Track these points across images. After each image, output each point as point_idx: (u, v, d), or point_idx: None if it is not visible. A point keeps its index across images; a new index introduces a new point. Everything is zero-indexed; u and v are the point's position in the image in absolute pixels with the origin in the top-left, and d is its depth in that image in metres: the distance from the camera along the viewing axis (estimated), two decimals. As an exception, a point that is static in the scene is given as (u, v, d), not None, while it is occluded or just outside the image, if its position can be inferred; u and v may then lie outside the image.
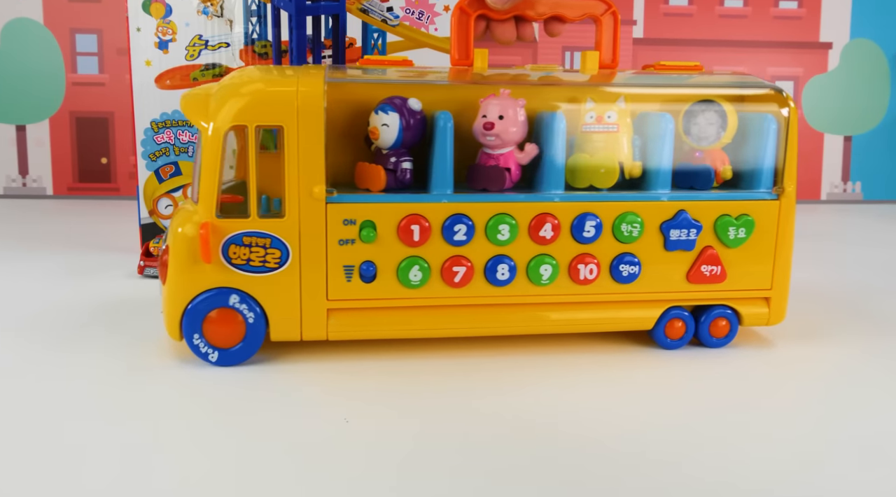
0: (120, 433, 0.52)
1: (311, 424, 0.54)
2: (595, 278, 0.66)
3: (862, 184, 1.59)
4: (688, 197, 0.66)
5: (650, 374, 0.64)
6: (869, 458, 0.50)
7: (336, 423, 0.54)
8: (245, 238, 0.61)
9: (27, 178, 1.47)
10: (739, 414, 0.57)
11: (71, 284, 0.87)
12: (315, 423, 0.54)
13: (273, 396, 0.59)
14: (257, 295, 0.62)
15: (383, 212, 0.63)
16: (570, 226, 0.65)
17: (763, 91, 0.69)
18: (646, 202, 0.66)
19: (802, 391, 0.62)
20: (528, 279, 0.65)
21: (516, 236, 0.64)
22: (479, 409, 0.57)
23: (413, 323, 0.65)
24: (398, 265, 0.64)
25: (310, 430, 0.53)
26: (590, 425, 0.54)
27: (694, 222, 0.66)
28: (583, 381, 0.62)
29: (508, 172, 0.65)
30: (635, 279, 0.67)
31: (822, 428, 0.55)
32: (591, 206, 0.65)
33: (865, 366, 0.66)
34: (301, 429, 0.53)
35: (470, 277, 0.65)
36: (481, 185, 0.65)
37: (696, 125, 0.68)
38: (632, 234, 0.66)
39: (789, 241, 0.68)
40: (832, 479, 0.48)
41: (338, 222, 0.62)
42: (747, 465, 0.49)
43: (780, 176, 0.67)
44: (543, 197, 0.65)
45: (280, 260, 0.62)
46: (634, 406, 0.58)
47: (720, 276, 0.67)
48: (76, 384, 0.60)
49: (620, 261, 0.66)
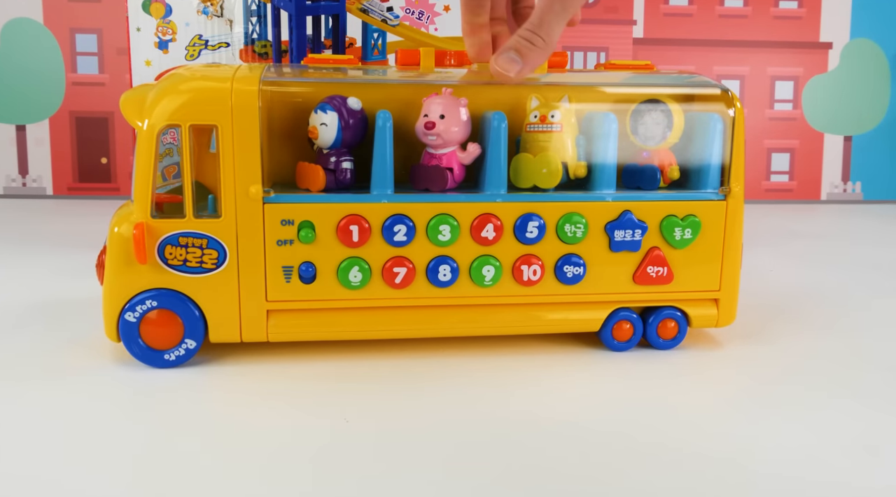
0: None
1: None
2: (539, 279, 0.65)
3: (862, 184, 1.57)
4: (632, 197, 0.66)
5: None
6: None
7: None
8: (181, 238, 0.61)
9: (27, 177, 1.49)
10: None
11: (71, 284, 0.87)
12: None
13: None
14: (195, 296, 0.62)
15: (322, 212, 0.62)
16: (513, 226, 0.64)
17: (710, 91, 0.68)
18: (590, 202, 0.65)
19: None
20: (471, 280, 0.65)
21: (458, 237, 0.64)
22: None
23: (354, 324, 0.65)
24: (338, 266, 0.63)
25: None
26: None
27: (639, 223, 0.65)
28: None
29: (451, 172, 0.64)
30: (580, 280, 0.66)
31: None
32: (534, 206, 0.64)
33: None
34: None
35: (411, 278, 0.64)
36: (423, 186, 0.64)
37: (643, 125, 0.67)
38: (576, 234, 0.65)
39: (738, 241, 0.67)
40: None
41: (275, 223, 0.62)
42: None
43: (726, 176, 0.66)
44: (485, 197, 0.64)
45: (217, 261, 0.62)
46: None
47: (667, 277, 0.67)
48: (77, 383, 0.61)
49: (565, 262, 0.65)
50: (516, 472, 0.48)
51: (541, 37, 0.61)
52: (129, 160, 1.49)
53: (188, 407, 0.57)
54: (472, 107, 0.65)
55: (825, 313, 0.81)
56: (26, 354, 0.66)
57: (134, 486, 0.46)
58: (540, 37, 0.61)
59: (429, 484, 0.47)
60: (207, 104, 0.61)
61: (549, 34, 0.61)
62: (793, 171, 1.57)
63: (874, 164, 1.56)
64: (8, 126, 1.48)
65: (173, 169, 0.96)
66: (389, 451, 0.51)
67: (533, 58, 0.62)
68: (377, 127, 0.62)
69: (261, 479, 0.47)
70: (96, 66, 1.48)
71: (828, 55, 1.55)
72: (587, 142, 0.66)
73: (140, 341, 0.62)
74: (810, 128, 1.56)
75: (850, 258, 1.06)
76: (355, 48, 1.00)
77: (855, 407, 0.58)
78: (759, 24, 1.54)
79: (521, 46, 0.62)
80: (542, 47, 0.62)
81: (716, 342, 0.71)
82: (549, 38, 0.61)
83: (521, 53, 0.61)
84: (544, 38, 0.61)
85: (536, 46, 0.61)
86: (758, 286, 0.88)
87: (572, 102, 0.66)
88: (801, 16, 1.54)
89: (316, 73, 0.67)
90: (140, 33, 0.96)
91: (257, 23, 0.97)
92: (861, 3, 1.54)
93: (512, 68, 0.62)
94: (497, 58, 0.62)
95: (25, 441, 0.51)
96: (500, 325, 0.67)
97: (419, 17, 1.05)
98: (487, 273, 0.65)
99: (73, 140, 1.48)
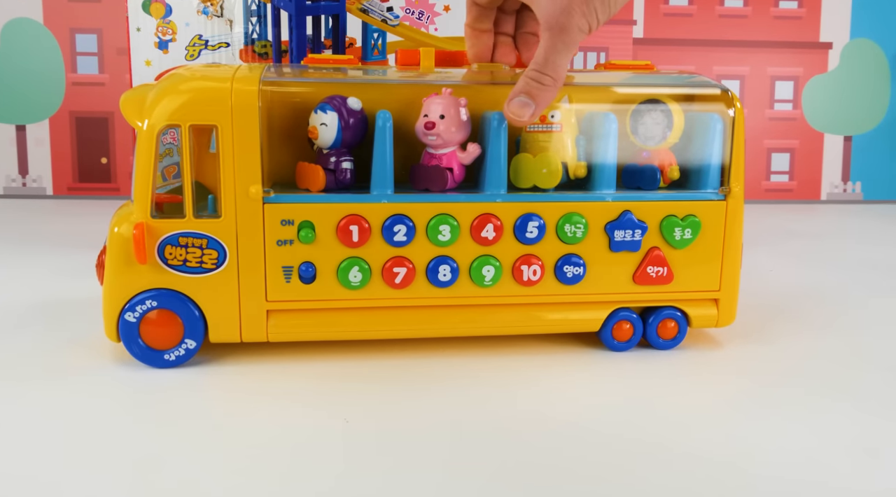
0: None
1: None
2: (539, 279, 0.65)
3: (862, 184, 1.57)
4: (632, 197, 0.66)
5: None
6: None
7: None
8: (181, 238, 0.61)
9: (27, 178, 1.48)
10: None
11: (71, 284, 0.87)
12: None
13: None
14: (195, 296, 0.62)
15: (322, 212, 0.62)
16: (513, 226, 0.64)
17: (710, 91, 0.68)
18: (590, 202, 0.65)
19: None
20: (471, 280, 0.65)
21: (458, 237, 0.64)
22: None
23: (354, 325, 0.65)
24: (338, 266, 0.63)
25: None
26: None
27: (639, 223, 0.65)
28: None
29: (451, 172, 0.64)
30: (580, 280, 0.66)
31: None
32: (534, 206, 0.64)
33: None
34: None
35: (411, 279, 0.64)
36: (423, 186, 0.64)
37: (643, 125, 0.67)
38: (576, 234, 0.65)
39: (737, 241, 0.67)
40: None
41: (275, 223, 0.62)
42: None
43: (726, 176, 0.66)
44: (485, 197, 0.64)
45: (217, 261, 0.62)
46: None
47: (667, 277, 0.67)
48: (76, 382, 0.61)
49: (565, 262, 0.65)
50: (516, 472, 0.48)
51: (548, 75, 0.61)
52: (129, 160, 1.49)
53: (188, 407, 0.57)
54: (472, 107, 0.65)
55: (825, 313, 0.81)
56: (26, 354, 0.66)
57: (134, 486, 0.46)
58: (548, 75, 0.61)
59: (429, 483, 0.47)
60: (207, 104, 0.60)
61: (556, 71, 0.61)
62: (793, 171, 1.57)
63: (874, 164, 1.56)
64: (8, 126, 1.48)
65: (173, 169, 0.96)
66: (390, 450, 0.51)
67: (544, 97, 0.62)
68: (377, 127, 0.62)
69: (261, 479, 0.47)
70: (96, 66, 1.47)
71: (828, 55, 1.55)
72: (587, 142, 0.66)
73: (140, 341, 0.62)
74: (810, 128, 1.56)
75: (850, 258, 1.06)
76: (355, 48, 1.00)
77: (855, 408, 0.58)
78: (759, 24, 1.54)
79: (531, 88, 0.61)
80: (551, 85, 0.62)
81: (716, 342, 0.71)
82: (556, 75, 0.61)
83: (531, 96, 0.61)
84: (552, 75, 0.61)
85: (545, 86, 0.61)
86: (757, 286, 0.88)
87: (572, 103, 0.66)
88: (801, 16, 1.54)
89: (316, 73, 0.67)
90: (140, 33, 0.96)
91: (257, 23, 0.97)
92: (861, 3, 1.54)
93: (525, 113, 0.61)
94: (509, 103, 0.62)
95: (25, 441, 0.51)
96: (500, 326, 0.67)
97: (419, 17, 1.05)
98: (487, 273, 0.65)
99: (73, 140, 1.48)
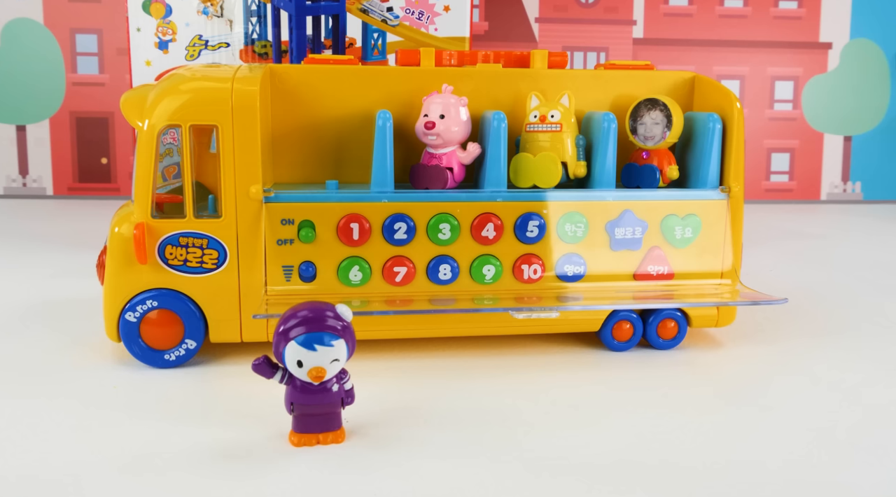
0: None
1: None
2: (539, 278, 0.65)
3: (862, 184, 1.57)
4: (633, 196, 0.66)
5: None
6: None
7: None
8: (181, 238, 0.61)
9: (27, 178, 1.49)
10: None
11: (71, 284, 0.87)
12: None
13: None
14: (195, 296, 0.62)
15: (322, 211, 0.63)
16: (514, 226, 0.64)
17: (710, 90, 0.68)
18: (590, 202, 0.65)
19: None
20: (472, 279, 0.65)
21: (458, 236, 0.64)
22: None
23: (354, 324, 0.65)
24: (338, 265, 0.63)
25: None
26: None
27: (639, 221, 0.65)
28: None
29: (451, 172, 0.64)
30: (580, 279, 0.66)
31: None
32: (534, 205, 0.64)
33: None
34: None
35: (411, 277, 0.64)
36: (423, 185, 0.64)
37: (643, 125, 0.67)
38: (576, 233, 0.65)
39: (738, 240, 0.67)
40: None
41: (276, 222, 0.62)
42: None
43: (726, 176, 0.66)
44: (486, 196, 0.64)
45: (217, 260, 0.62)
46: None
47: (667, 276, 0.67)
48: (76, 381, 0.61)
49: (565, 261, 0.65)
50: (516, 472, 0.48)
51: None
52: (129, 160, 1.49)
53: (188, 407, 0.57)
54: (472, 107, 0.65)
55: (825, 313, 0.81)
56: (27, 354, 0.66)
57: (134, 486, 0.46)
58: None
59: (429, 483, 0.47)
60: (208, 104, 0.61)
61: None
62: (793, 171, 1.57)
63: (874, 164, 1.57)
64: (8, 126, 1.48)
65: (173, 169, 0.96)
66: (390, 450, 0.51)
67: None
68: (377, 127, 0.62)
69: (261, 479, 0.47)
70: (96, 66, 1.48)
71: (828, 55, 1.55)
72: (587, 141, 0.66)
73: (140, 341, 0.62)
74: (810, 128, 1.56)
75: (850, 258, 1.06)
76: (355, 48, 0.99)
77: (855, 408, 0.58)
78: (759, 24, 1.54)
79: None
80: None
81: (716, 342, 0.71)
82: None
83: None
84: None
85: None
86: (758, 286, 0.88)
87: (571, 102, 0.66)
88: (801, 16, 1.54)
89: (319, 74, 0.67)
90: (140, 33, 0.96)
91: (257, 23, 0.97)
92: (861, 3, 1.54)
93: None
94: None
95: (25, 441, 0.51)
96: (500, 325, 0.66)
97: (419, 17, 1.05)
98: (488, 272, 0.65)
99: (73, 140, 1.48)
